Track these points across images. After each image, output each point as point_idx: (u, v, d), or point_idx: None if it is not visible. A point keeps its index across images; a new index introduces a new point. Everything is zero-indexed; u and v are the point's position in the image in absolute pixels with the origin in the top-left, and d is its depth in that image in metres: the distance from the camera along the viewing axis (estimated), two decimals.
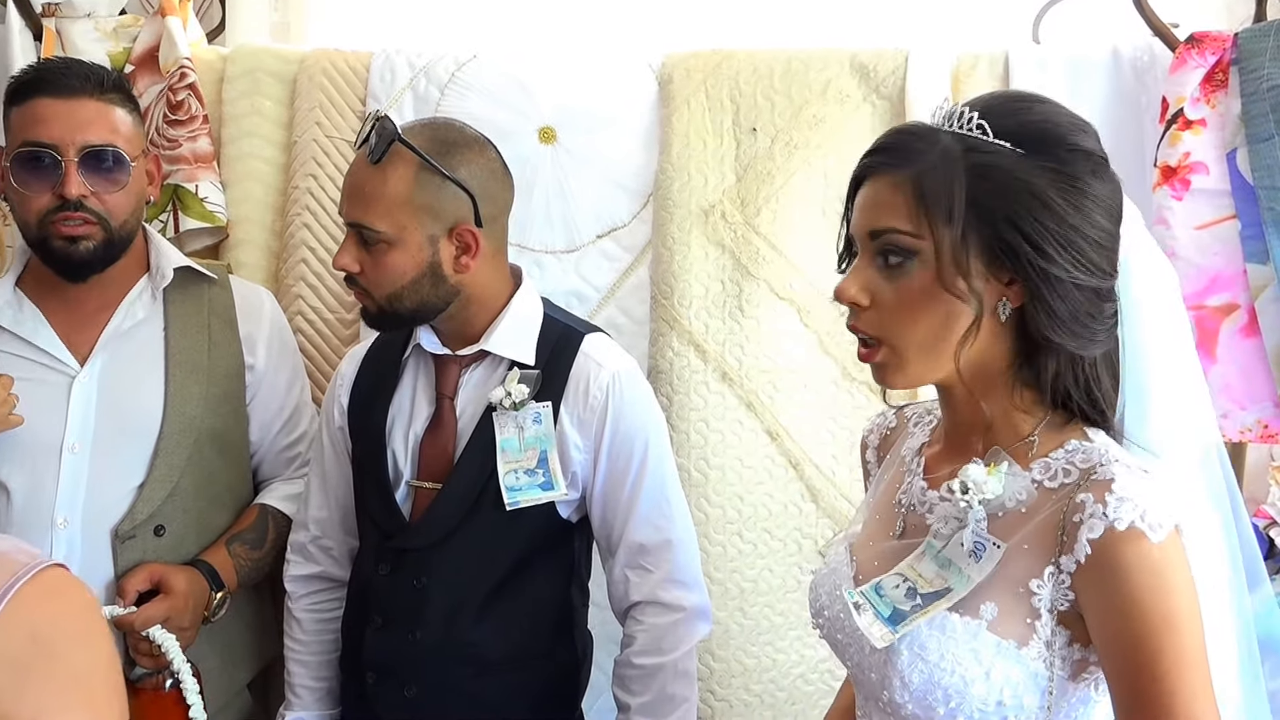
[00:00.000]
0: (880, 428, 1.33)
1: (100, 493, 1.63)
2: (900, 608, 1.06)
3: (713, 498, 1.98)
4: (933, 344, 1.06)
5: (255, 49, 2.18)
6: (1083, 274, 1.01)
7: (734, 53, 2.06)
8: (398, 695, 1.57)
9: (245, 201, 2.11)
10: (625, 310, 2.06)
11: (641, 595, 1.59)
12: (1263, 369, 1.85)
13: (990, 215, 1.02)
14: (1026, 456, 1.06)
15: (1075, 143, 1.04)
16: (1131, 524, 0.95)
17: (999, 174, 1.02)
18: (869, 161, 1.09)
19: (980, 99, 1.10)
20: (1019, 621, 1.01)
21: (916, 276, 1.04)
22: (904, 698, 1.04)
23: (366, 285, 1.52)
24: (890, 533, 1.17)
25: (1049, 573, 1.00)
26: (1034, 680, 1.01)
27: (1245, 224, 1.84)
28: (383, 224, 1.48)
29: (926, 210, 1.03)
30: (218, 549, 1.72)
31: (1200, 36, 1.86)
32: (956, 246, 1.02)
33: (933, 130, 1.07)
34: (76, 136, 1.58)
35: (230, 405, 1.77)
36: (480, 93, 2.07)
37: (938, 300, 1.04)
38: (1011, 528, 1.04)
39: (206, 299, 1.77)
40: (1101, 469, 1.00)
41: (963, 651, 1.02)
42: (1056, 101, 1.09)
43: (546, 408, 1.55)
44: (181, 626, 1.60)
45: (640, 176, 2.07)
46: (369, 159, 1.49)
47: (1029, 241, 1.01)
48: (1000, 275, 1.03)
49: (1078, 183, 1.02)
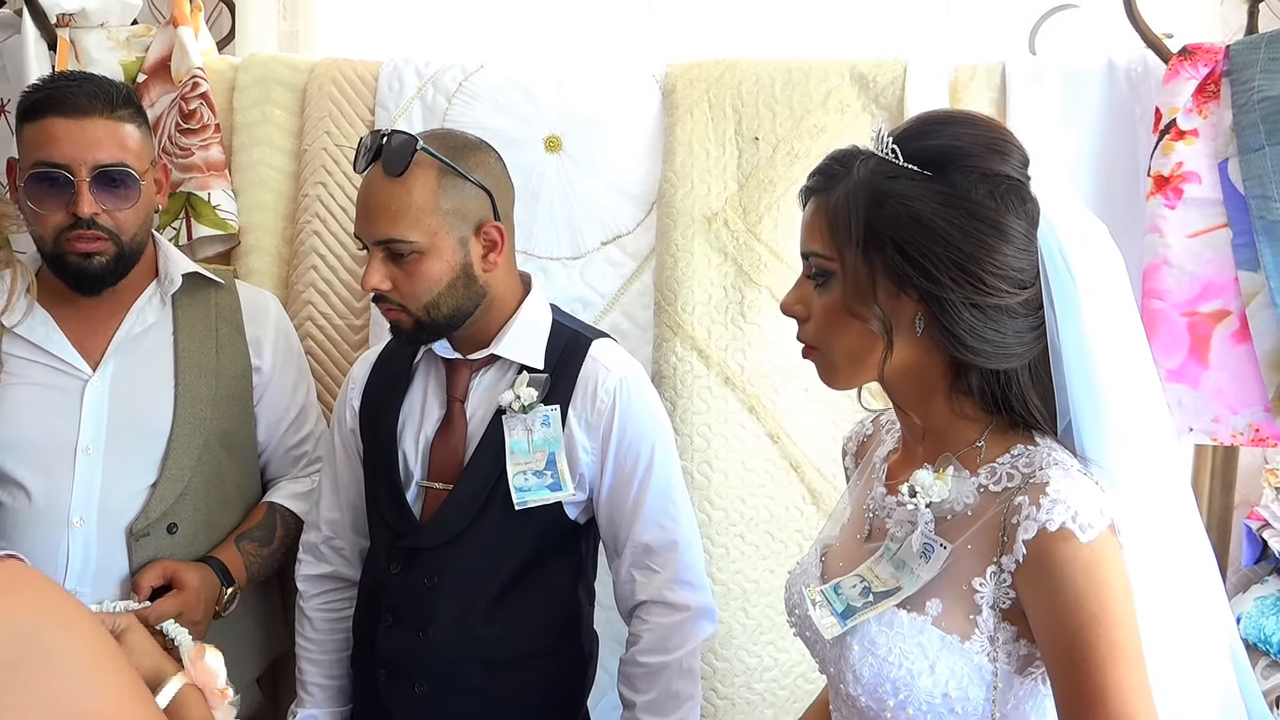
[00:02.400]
0: (858, 435, 1.37)
1: (114, 492, 1.67)
2: (853, 604, 1.11)
3: (715, 500, 2.00)
4: (857, 355, 1.12)
5: (266, 58, 2.21)
6: (976, 295, 1.04)
7: (736, 63, 2.09)
8: (408, 692, 1.59)
9: (256, 209, 2.14)
10: (629, 316, 2.09)
11: (647, 595, 1.61)
12: (1254, 374, 1.87)
13: (880, 240, 1.06)
14: (975, 461, 1.11)
15: (975, 165, 1.05)
16: (1063, 525, 0.99)
17: (892, 200, 1.06)
18: (807, 183, 1.15)
19: (907, 122, 1.13)
20: (962, 618, 1.06)
21: (834, 295, 1.11)
22: (857, 690, 1.09)
23: (401, 300, 1.53)
24: (858, 535, 1.22)
25: (991, 572, 1.04)
26: (978, 673, 1.05)
27: (1237, 232, 1.87)
28: (415, 234, 1.50)
29: (834, 235, 1.09)
30: (228, 546, 1.75)
31: (1193, 48, 1.89)
32: (859, 269, 1.07)
33: (855, 155, 1.11)
34: (88, 156, 1.61)
35: (238, 406, 1.80)
36: (487, 102, 2.10)
37: (850, 318, 1.10)
38: (958, 529, 1.09)
39: (214, 303, 1.80)
40: (1040, 472, 1.04)
41: (909, 645, 1.06)
42: (985, 121, 1.11)
43: (555, 411, 1.58)
44: (193, 621, 1.63)
45: (644, 184, 2.10)
46: (388, 172, 1.50)
47: (915, 266, 1.04)
48: (910, 293, 1.07)
49: (970, 206, 1.04)
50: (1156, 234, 1.89)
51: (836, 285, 1.10)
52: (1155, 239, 1.88)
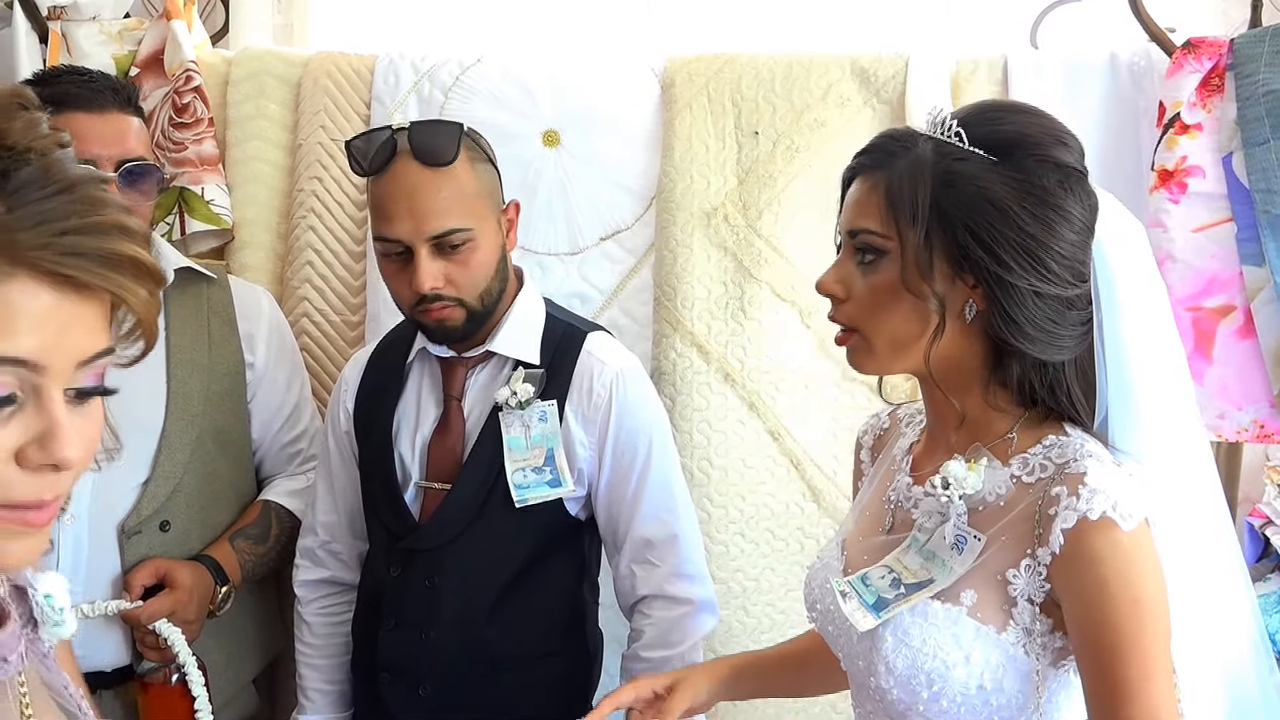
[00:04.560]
0: (874, 429, 1.36)
1: (106, 489, 1.64)
2: (884, 596, 1.10)
3: (715, 497, 1.99)
4: (902, 338, 1.10)
5: (260, 52, 2.19)
6: (1041, 283, 1.04)
7: (736, 56, 2.08)
8: (412, 695, 1.57)
9: (250, 204, 2.12)
10: (628, 312, 2.07)
11: (648, 589, 1.60)
12: (1259, 370, 1.86)
13: (951, 221, 1.05)
14: (1006, 452, 1.10)
15: (1045, 154, 1.06)
16: (1103, 514, 0.99)
17: (964, 181, 1.05)
18: (855, 162, 1.14)
19: (967, 107, 1.13)
20: (996, 608, 1.05)
21: (885, 274, 1.09)
22: (889, 682, 1.08)
23: (457, 294, 1.50)
24: (880, 528, 1.20)
25: (1025, 564, 1.04)
26: (1013, 664, 1.04)
27: (1241, 227, 1.86)
28: (469, 220, 1.48)
29: (894, 213, 1.07)
30: (222, 544, 1.73)
31: (1196, 42, 1.88)
32: (920, 249, 1.06)
33: (914, 135, 1.10)
34: (113, 151, 1.60)
35: (231, 403, 1.78)
36: (484, 96, 2.08)
37: (904, 298, 1.08)
38: (990, 520, 1.08)
39: (206, 298, 1.78)
40: (1075, 463, 1.03)
41: (944, 636, 1.05)
42: (1045, 113, 1.12)
43: (552, 406, 1.56)
44: (187, 620, 1.61)
45: (643, 179, 2.08)
46: (432, 163, 1.46)
47: (985, 249, 1.04)
48: (965, 279, 1.06)
49: (1042, 193, 1.04)
50: (1160, 229, 1.87)
51: (890, 264, 1.08)
52: (1159, 234, 1.87)
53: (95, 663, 1.61)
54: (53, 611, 0.83)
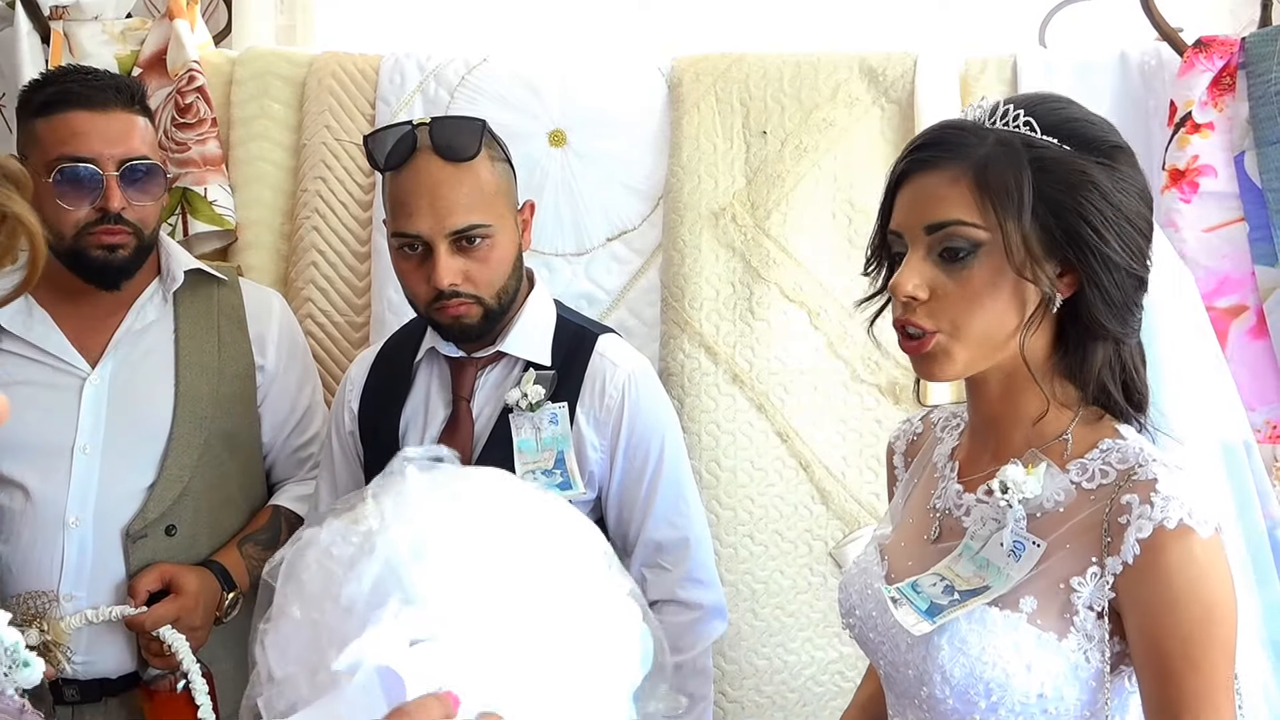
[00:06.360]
0: (907, 434, 1.33)
1: (111, 492, 1.63)
2: (938, 602, 1.07)
3: (724, 499, 1.98)
4: (994, 334, 1.06)
5: (264, 52, 2.18)
6: (1135, 261, 1.05)
7: (744, 56, 2.07)
8: None
9: (254, 205, 2.11)
10: (635, 313, 2.06)
11: (659, 594, 1.58)
12: (1271, 370, 1.86)
13: (1057, 206, 1.03)
14: (1062, 456, 1.07)
15: (1113, 139, 1.07)
16: (1180, 521, 0.97)
17: (1060, 166, 1.03)
18: (917, 156, 1.09)
19: (1017, 98, 1.11)
20: (1057, 615, 1.02)
21: (981, 267, 1.05)
22: (944, 693, 1.05)
23: (475, 291, 1.49)
24: (925, 536, 1.17)
25: (1091, 573, 1.02)
26: (1074, 672, 1.02)
27: (1253, 226, 1.86)
28: (489, 217, 1.48)
29: (993, 201, 1.04)
30: (230, 549, 1.71)
31: (1207, 41, 1.88)
32: (1027, 235, 1.03)
33: (980, 126, 1.08)
34: (115, 150, 1.59)
35: (241, 406, 1.76)
36: (491, 96, 2.07)
37: (1002, 289, 1.05)
38: (1049, 527, 1.05)
39: (216, 301, 1.77)
40: (1141, 469, 1.01)
41: (1004, 644, 1.02)
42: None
43: (563, 408, 1.55)
44: (192, 626, 1.59)
45: (650, 179, 2.07)
46: (454, 158, 1.46)
47: (1094, 230, 1.02)
48: (1054, 267, 1.05)
49: (1128, 174, 1.05)
50: (1172, 228, 1.87)
51: (986, 255, 1.05)
52: (1170, 233, 1.86)
53: (101, 669, 1.60)
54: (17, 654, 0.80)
